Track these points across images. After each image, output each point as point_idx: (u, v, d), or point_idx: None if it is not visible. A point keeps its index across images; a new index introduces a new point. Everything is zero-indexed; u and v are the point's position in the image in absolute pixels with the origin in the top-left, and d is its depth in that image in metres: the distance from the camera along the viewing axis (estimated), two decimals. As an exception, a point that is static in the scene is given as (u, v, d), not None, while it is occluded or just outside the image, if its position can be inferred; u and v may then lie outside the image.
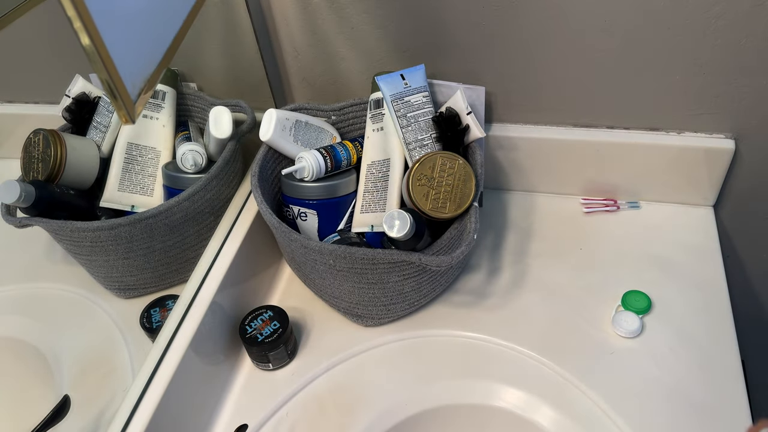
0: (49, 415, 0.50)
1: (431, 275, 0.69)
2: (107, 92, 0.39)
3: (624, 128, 0.78)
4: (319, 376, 0.70)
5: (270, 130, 0.73)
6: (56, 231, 0.57)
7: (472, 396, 0.66)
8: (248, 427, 0.64)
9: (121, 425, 0.56)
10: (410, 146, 0.72)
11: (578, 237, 0.81)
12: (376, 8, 0.75)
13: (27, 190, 0.54)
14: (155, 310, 0.63)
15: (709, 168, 0.77)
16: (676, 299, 0.72)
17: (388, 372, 0.69)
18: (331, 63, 0.82)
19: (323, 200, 0.73)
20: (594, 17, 0.69)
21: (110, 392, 0.57)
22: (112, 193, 0.67)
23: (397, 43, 0.78)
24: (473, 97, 0.77)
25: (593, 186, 0.84)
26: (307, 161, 0.71)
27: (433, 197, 0.65)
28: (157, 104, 0.71)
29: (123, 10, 0.40)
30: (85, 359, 0.55)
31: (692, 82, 0.72)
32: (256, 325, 0.69)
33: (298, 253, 0.67)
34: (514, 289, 0.76)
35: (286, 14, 0.79)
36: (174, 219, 0.66)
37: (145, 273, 0.64)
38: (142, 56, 0.43)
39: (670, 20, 0.67)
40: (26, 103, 0.54)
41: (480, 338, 0.71)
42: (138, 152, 0.69)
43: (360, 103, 0.80)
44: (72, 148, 0.61)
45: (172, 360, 0.61)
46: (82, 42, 0.36)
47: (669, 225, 0.80)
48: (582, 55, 0.73)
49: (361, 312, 0.72)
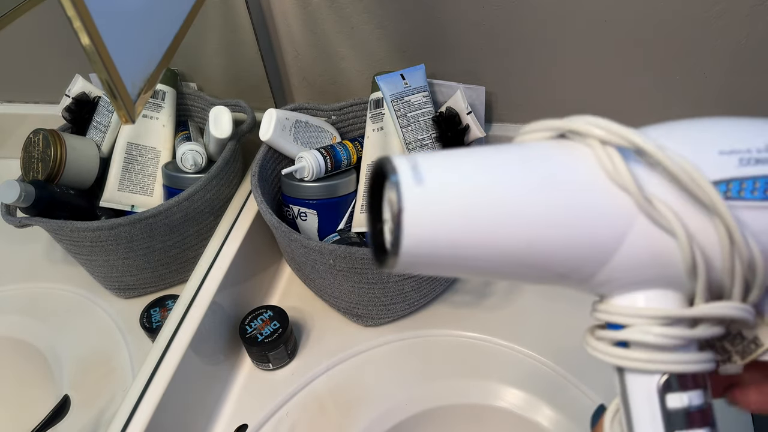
0: (49, 415, 0.50)
1: (431, 275, 0.69)
2: (107, 92, 0.39)
3: (624, 128, 0.78)
4: (319, 376, 0.70)
5: (270, 129, 0.73)
6: (56, 231, 0.57)
7: (472, 396, 0.66)
8: (248, 427, 0.64)
9: (121, 425, 0.56)
10: (410, 146, 0.72)
11: (578, 237, 0.81)
12: (376, 8, 0.75)
13: (27, 189, 0.54)
14: (155, 310, 0.63)
15: (709, 168, 0.77)
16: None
17: (388, 372, 0.69)
18: (331, 63, 0.82)
19: (323, 200, 0.73)
20: (594, 17, 0.69)
21: (110, 392, 0.57)
22: (112, 193, 0.67)
23: (397, 43, 0.78)
24: (473, 96, 0.77)
25: (593, 186, 0.84)
26: (307, 161, 0.71)
27: (433, 197, 0.65)
28: (157, 104, 0.71)
29: (123, 10, 0.40)
30: (85, 359, 0.55)
31: (692, 82, 0.72)
32: (256, 325, 0.69)
33: (298, 253, 0.67)
34: (514, 289, 0.76)
35: (286, 14, 0.79)
36: (174, 219, 0.66)
37: (145, 273, 0.64)
38: (142, 56, 0.43)
39: (670, 20, 0.67)
40: (26, 103, 0.55)
41: (480, 338, 0.71)
42: (138, 152, 0.69)
43: (360, 103, 0.80)
44: (72, 148, 0.61)
45: (172, 360, 0.61)
46: (82, 42, 0.36)
47: (669, 225, 0.80)
48: (582, 54, 0.73)
49: (361, 312, 0.72)
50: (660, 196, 0.26)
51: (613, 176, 0.26)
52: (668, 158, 0.26)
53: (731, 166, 0.26)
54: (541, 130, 0.29)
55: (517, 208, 0.26)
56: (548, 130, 0.29)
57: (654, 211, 0.26)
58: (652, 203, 0.26)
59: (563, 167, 0.27)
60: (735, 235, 0.26)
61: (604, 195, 0.26)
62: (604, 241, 0.27)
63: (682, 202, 0.26)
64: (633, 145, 0.26)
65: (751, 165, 0.27)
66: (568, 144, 0.28)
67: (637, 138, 0.26)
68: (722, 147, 0.27)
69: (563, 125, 0.28)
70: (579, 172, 0.27)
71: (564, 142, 0.28)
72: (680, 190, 0.26)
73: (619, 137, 0.26)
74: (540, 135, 0.29)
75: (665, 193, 0.26)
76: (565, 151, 0.28)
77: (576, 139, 0.28)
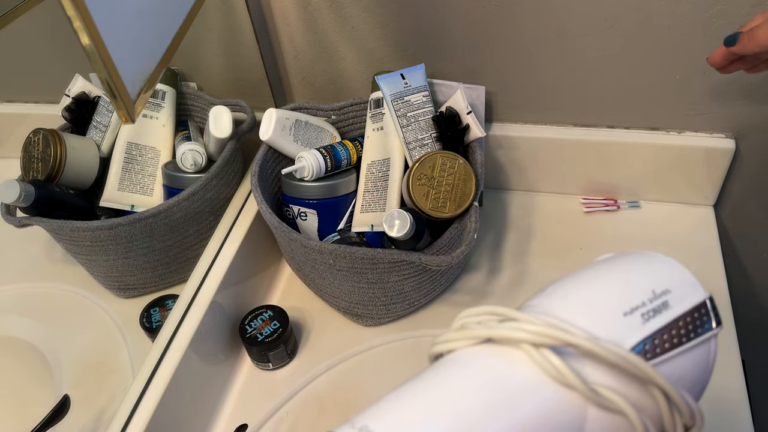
0: (49, 414, 0.50)
1: (431, 275, 0.69)
2: (107, 92, 0.39)
3: (624, 128, 0.78)
4: (319, 375, 0.70)
5: (270, 129, 0.73)
6: (56, 231, 0.57)
7: (472, 396, 0.66)
8: (248, 427, 0.64)
9: (120, 425, 0.56)
10: (410, 146, 0.72)
11: (578, 236, 0.81)
12: (376, 8, 0.75)
13: (27, 189, 0.54)
14: (155, 310, 0.63)
15: (709, 168, 0.77)
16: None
17: (388, 372, 0.69)
18: (331, 63, 0.82)
19: (323, 200, 0.73)
20: (594, 16, 0.69)
21: (110, 392, 0.57)
22: (112, 193, 0.67)
23: (397, 43, 0.78)
24: (473, 96, 0.76)
25: (593, 185, 0.84)
26: (307, 161, 0.71)
27: (433, 197, 0.65)
28: (157, 104, 0.71)
29: (123, 10, 0.40)
30: (84, 359, 0.55)
31: (692, 81, 0.72)
32: (256, 324, 0.69)
33: (298, 252, 0.67)
34: (514, 288, 0.76)
35: (286, 14, 0.78)
36: (174, 219, 0.66)
37: (145, 273, 0.64)
38: (142, 56, 0.43)
39: (670, 20, 0.67)
40: (26, 103, 0.55)
41: (480, 338, 0.71)
42: (138, 152, 0.69)
43: (360, 103, 0.80)
44: (72, 147, 0.61)
45: (171, 360, 0.61)
46: (82, 42, 0.36)
47: (669, 224, 0.80)
48: (582, 54, 0.73)
49: (361, 312, 0.72)
50: (600, 382, 0.28)
51: (557, 377, 0.27)
52: (603, 349, 0.27)
53: (638, 325, 0.29)
54: (464, 339, 0.30)
55: None
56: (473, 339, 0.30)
57: (602, 399, 0.27)
58: (598, 393, 0.27)
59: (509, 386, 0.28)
60: (672, 396, 0.28)
61: (554, 398, 0.28)
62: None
63: (618, 380, 0.28)
64: (564, 343, 0.27)
65: (653, 318, 0.29)
66: (499, 353, 0.29)
67: (568, 336, 0.27)
68: (623, 308, 0.29)
69: (490, 334, 0.29)
70: (525, 384, 0.28)
71: (495, 352, 0.29)
72: (614, 370, 0.28)
73: (550, 338, 0.27)
74: (465, 343, 0.30)
75: (602, 376, 0.28)
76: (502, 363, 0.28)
77: (505, 343, 0.29)
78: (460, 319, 0.31)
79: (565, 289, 0.31)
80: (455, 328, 0.31)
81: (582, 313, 0.29)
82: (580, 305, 0.30)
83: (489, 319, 0.30)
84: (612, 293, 0.30)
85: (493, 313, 0.30)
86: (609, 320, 0.29)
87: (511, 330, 0.28)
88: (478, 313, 0.31)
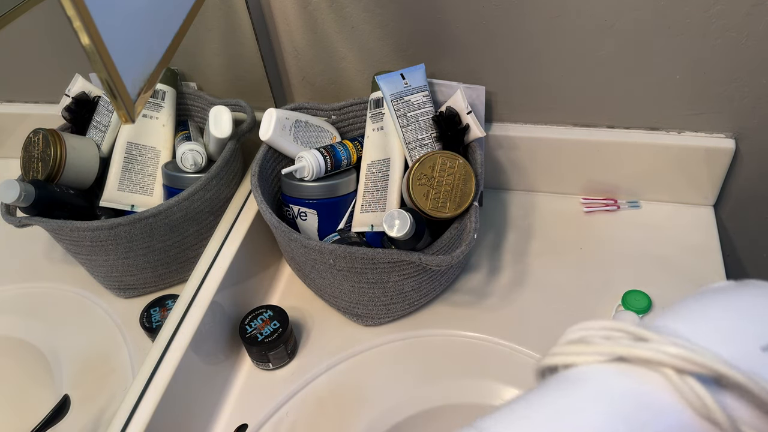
0: (49, 414, 0.50)
1: (431, 275, 0.69)
2: (107, 92, 0.39)
3: (624, 128, 0.78)
4: (319, 375, 0.70)
5: (270, 129, 0.73)
6: (56, 231, 0.57)
7: (472, 396, 0.66)
8: (248, 426, 0.64)
9: (120, 425, 0.56)
10: (410, 146, 0.72)
11: (578, 236, 0.81)
12: (376, 8, 0.75)
13: (27, 189, 0.54)
14: (155, 310, 0.63)
15: (709, 167, 0.77)
16: (676, 299, 0.71)
17: (388, 372, 0.69)
18: (331, 63, 0.82)
19: (323, 200, 0.73)
20: (594, 16, 0.69)
21: (110, 392, 0.57)
22: (112, 193, 0.67)
23: (397, 43, 0.78)
24: (473, 96, 0.76)
25: (593, 185, 0.84)
26: (307, 161, 0.71)
27: (433, 197, 0.65)
28: (157, 104, 0.71)
29: (123, 10, 0.40)
30: (84, 359, 0.55)
31: (692, 81, 0.72)
32: (256, 324, 0.69)
33: (298, 252, 0.67)
34: (514, 288, 0.76)
35: (286, 14, 0.78)
36: (174, 219, 0.66)
37: (145, 273, 0.64)
38: (142, 56, 0.43)
39: (670, 20, 0.67)
40: (26, 103, 0.54)
41: (480, 338, 0.71)
42: (138, 152, 0.69)
43: (360, 103, 0.80)
44: (72, 147, 0.61)
45: (171, 360, 0.61)
46: (82, 42, 0.36)
47: (669, 224, 0.80)
48: (582, 54, 0.73)
49: (361, 311, 0.72)
50: (746, 420, 0.25)
51: (701, 411, 0.25)
52: (758, 386, 0.24)
53: None
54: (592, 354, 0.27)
55: None
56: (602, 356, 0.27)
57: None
58: None
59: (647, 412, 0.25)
60: None
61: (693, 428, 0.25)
62: None
63: (760, 419, 0.25)
64: (714, 373, 0.25)
65: None
66: (634, 374, 0.26)
67: (721, 366, 0.25)
68: (761, 342, 0.26)
69: (626, 353, 0.26)
70: (664, 411, 0.25)
71: (629, 372, 0.26)
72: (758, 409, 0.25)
73: (698, 365, 0.25)
74: (592, 359, 0.27)
75: (746, 414, 0.25)
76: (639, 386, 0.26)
77: (641, 364, 0.26)
78: (575, 332, 0.29)
79: (692, 315, 0.28)
80: (571, 340, 0.28)
81: (719, 342, 0.26)
82: (713, 334, 0.27)
83: (619, 336, 0.27)
84: (746, 326, 0.27)
85: (621, 330, 0.27)
86: (750, 354, 0.26)
87: (652, 351, 0.26)
88: (603, 327, 0.28)
